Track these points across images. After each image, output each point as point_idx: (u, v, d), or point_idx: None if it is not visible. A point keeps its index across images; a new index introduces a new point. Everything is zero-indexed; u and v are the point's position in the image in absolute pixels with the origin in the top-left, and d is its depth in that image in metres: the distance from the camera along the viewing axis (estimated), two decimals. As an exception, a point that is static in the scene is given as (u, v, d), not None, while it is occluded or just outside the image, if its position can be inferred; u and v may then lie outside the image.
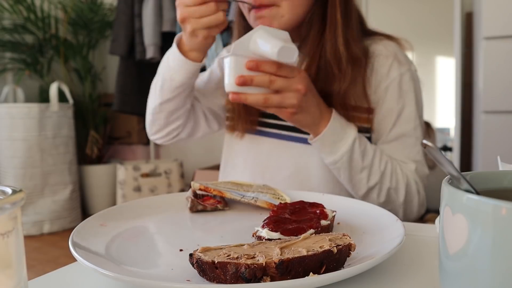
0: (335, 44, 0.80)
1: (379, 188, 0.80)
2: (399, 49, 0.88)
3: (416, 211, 0.85)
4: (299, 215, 0.52)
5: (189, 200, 0.62)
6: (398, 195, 0.81)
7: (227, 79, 0.69)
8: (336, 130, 0.76)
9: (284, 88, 0.68)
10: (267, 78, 0.67)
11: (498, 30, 1.61)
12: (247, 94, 0.68)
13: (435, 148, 0.29)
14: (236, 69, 0.67)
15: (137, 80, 2.79)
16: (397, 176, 0.81)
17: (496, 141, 1.65)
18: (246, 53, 0.68)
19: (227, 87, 0.69)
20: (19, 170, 2.71)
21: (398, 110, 0.84)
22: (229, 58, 0.68)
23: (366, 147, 0.79)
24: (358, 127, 0.84)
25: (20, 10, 2.98)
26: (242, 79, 0.66)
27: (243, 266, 0.36)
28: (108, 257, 0.44)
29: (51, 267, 0.81)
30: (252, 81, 0.67)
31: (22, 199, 0.26)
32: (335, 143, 0.77)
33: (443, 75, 2.70)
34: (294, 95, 0.69)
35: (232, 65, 0.68)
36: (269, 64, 0.67)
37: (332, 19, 0.80)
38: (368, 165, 0.78)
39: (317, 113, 0.74)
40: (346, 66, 0.80)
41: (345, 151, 0.77)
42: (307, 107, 0.72)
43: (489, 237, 0.26)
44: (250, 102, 0.68)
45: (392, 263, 0.44)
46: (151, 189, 2.95)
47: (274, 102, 0.69)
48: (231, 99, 0.69)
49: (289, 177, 0.88)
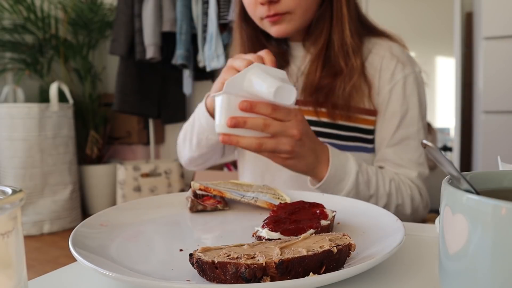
0: (342, 36, 0.82)
1: (387, 208, 0.80)
2: (403, 51, 0.89)
3: (422, 214, 0.86)
4: (299, 215, 0.52)
5: (189, 200, 0.62)
6: (405, 208, 0.82)
7: (217, 119, 0.64)
8: (337, 171, 0.73)
9: (279, 133, 0.64)
10: (261, 121, 0.63)
11: (498, 30, 1.61)
12: (239, 137, 0.64)
13: (435, 148, 0.29)
14: (228, 109, 0.63)
15: (137, 80, 2.79)
16: (402, 192, 0.81)
17: (496, 141, 1.65)
18: (239, 92, 0.63)
19: (217, 128, 0.64)
20: (19, 170, 2.71)
21: (402, 113, 0.85)
22: (221, 97, 0.63)
23: (369, 174, 0.77)
24: (360, 129, 0.85)
25: (20, 10, 2.98)
26: (234, 121, 0.62)
27: (243, 266, 0.36)
28: (108, 257, 0.44)
29: (51, 267, 0.81)
30: (245, 123, 0.62)
31: (22, 199, 0.26)
32: (339, 184, 0.74)
33: (443, 75, 2.70)
34: (288, 141, 0.65)
35: (224, 104, 0.63)
36: (264, 105, 0.63)
37: (339, 13, 0.82)
38: (374, 192, 0.78)
39: (311, 159, 0.71)
40: (354, 59, 0.82)
41: (350, 189, 0.75)
42: (301, 152, 0.68)
43: (489, 237, 0.26)
44: (242, 145, 0.64)
45: (392, 263, 0.44)
46: (151, 189, 2.95)
47: (268, 147, 0.65)
48: (221, 140, 0.65)
49: (290, 179, 0.88)
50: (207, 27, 2.52)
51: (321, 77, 0.82)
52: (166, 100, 2.96)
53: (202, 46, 2.57)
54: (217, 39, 2.45)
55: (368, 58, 0.87)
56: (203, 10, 2.54)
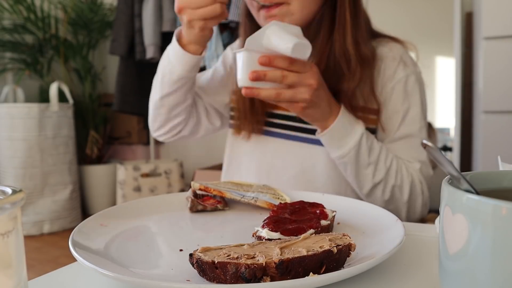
0: (343, 44, 0.81)
1: (384, 184, 0.80)
2: (404, 51, 0.89)
3: (419, 211, 0.85)
4: (299, 215, 0.52)
5: (189, 200, 0.62)
6: (403, 193, 0.81)
7: (239, 74, 0.69)
8: (344, 124, 0.77)
9: (296, 83, 0.69)
10: (280, 73, 0.68)
11: (498, 30, 1.61)
12: (259, 89, 0.69)
13: (435, 148, 0.29)
14: (249, 64, 0.68)
15: (137, 80, 2.79)
16: (402, 174, 0.81)
17: (496, 141, 1.65)
18: (259, 48, 0.68)
19: (240, 82, 0.69)
20: (19, 170, 2.71)
21: (404, 111, 0.85)
22: (242, 53, 0.68)
23: (373, 143, 0.80)
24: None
25: (20, 10, 2.98)
26: (256, 74, 0.67)
27: (243, 266, 0.36)
28: (108, 257, 0.44)
29: (51, 267, 0.81)
30: (265, 76, 0.67)
31: (22, 199, 0.26)
32: (343, 138, 0.78)
33: (443, 75, 2.70)
34: (306, 90, 0.70)
35: (245, 60, 0.68)
36: (282, 59, 0.68)
37: (341, 19, 0.81)
38: (374, 161, 0.79)
39: (327, 108, 0.75)
40: (355, 66, 0.81)
41: (352, 146, 0.78)
42: (318, 101, 0.72)
43: (489, 237, 0.26)
44: (262, 96, 0.69)
45: (392, 263, 0.44)
46: (151, 189, 2.95)
47: (286, 97, 0.70)
48: (244, 93, 0.69)
49: (295, 177, 0.88)
50: (207, 27, 2.51)
51: (324, 81, 0.81)
52: (166, 100, 2.95)
53: (202, 46, 2.57)
54: (217, 39, 2.45)
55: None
56: (203, 10, 2.54)
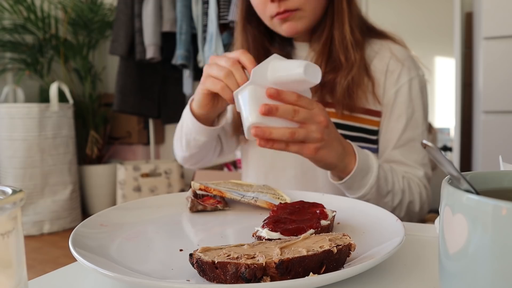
0: (342, 31, 0.83)
1: (400, 205, 0.80)
2: (408, 54, 0.90)
3: (425, 212, 0.87)
4: (299, 215, 0.52)
5: (189, 200, 0.62)
6: (415, 206, 0.83)
7: (247, 111, 0.63)
8: (363, 165, 0.72)
9: (307, 119, 0.63)
10: (291, 108, 0.62)
11: (498, 30, 1.61)
12: (271, 128, 0.62)
13: (435, 148, 0.29)
14: (256, 100, 0.62)
15: (137, 80, 2.79)
16: (412, 189, 0.82)
17: (496, 141, 1.65)
18: (264, 82, 0.63)
19: (248, 120, 0.63)
20: (19, 170, 2.71)
21: (408, 115, 0.86)
22: (247, 89, 0.63)
23: (385, 170, 0.77)
24: (365, 129, 0.86)
25: (20, 10, 2.98)
26: (268, 107, 0.61)
27: (243, 266, 0.36)
28: (108, 257, 0.44)
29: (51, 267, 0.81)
30: (278, 109, 0.61)
31: (22, 199, 0.26)
32: (363, 178, 0.73)
33: (443, 75, 2.70)
34: (317, 128, 0.64)
35: (251, 95, 0.63)
36: (290, 93, 0.63)
37: (339, 9, 0.83)
38: (391, 188, 0.78)
39: (340, 149, 0.69)
40: (352, 53, 0.82)
41: (373, 184, 0.74)
42: (330, 140, 0.67)
43: (489, 237, 0.26)
44: (275, 136, 0.62)
45: (392, 263, 0.44)
46: (151, 189, 2.95)
47: (301, 136, 0.63)
48: (253, 134, 0.62)
49: (295, 178, 0.88)
50: (207, 27, 2.52)
51: (324, 73, 0.82)
52: (166, 100, 2.95)
53: (202, 46, 2.58)
54: (217, 39, 2.45)
55: (373, 60, 0.88)
56: (203, 10, 2.54)
